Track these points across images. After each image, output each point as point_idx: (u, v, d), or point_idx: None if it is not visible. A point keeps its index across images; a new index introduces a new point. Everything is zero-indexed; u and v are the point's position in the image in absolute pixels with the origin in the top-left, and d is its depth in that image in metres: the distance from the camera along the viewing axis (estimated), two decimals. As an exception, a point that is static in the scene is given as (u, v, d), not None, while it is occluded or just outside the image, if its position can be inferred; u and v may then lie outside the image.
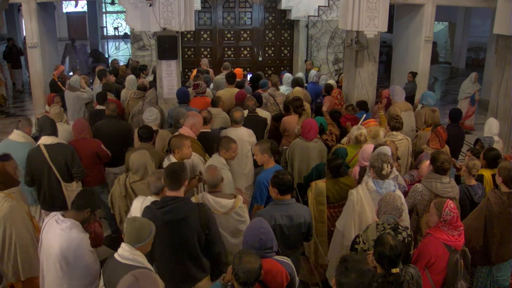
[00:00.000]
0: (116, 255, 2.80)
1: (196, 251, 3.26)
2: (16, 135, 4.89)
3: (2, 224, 3.63)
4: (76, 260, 3.23)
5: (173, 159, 4.29)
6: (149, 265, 2.83)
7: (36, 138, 5.04)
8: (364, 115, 5.98)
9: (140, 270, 2.56)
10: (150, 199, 3.50)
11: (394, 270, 2.82)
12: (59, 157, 4.55)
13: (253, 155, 5.23)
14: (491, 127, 5.65)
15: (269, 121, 6.24)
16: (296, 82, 7.80)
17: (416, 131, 6.39)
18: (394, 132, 5.35)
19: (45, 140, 4.61)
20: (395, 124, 5.36)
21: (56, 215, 3.29)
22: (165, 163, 4.34)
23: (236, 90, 7.09)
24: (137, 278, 2.40)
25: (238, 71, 8.52)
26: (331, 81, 8.56)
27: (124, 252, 2.76)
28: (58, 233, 3.20)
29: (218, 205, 3.59)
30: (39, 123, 4.81)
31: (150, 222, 2.85)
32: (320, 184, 4.25)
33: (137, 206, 3.58)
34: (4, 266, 3.77)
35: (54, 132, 4.70)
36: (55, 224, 3.24)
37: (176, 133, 4.81)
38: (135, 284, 2.37)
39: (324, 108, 6.37)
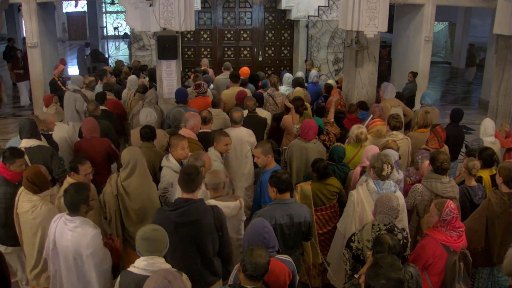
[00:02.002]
0: (136, 270, 2.68)
1: (208, 254, 3.23)
2: None
3: (41, 228, 3.59)
4: (90, 257, 3.19)
5: (171, 158, 4.31)
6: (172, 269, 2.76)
7: (45, 136, 5.06)
8: (371, 116, 5.95)
9: (169, 270, 2.51)
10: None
11: (393, 270, 2.81)
12: (39, 160, 4.50)
13: (253, 156, 5.25)
14: (487, 128, 5.61)
15: (269, 121, 6.23)
16: (297, 82, 7.80)
17: (407, 127, 6.40)
18: (395, 132, 5.34)
19: (25, 143, 4.58)
20: (395, 124, 5.34)
21: (62, 217, 3.26)
22: (164, 162, 4.35)
23: (240, 88, 7.10)
24: (170, 281, 2.35)
25: (246, 69, 8.49)
26: (331, 81, 8.55)
27: (149, 267, 2.65)
28: (70, 233, 3.19)
29: (228, 209, 3.57)
30: (19, 126, 4.76)
31: (162, 228, 2.81)
32: (306, 187, 4.23)
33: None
34: (28, 270, 3.77)
35: (33, 135, 4.64)
36: (65, 226, 3.22)
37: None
38: (169, 287, 2.33)
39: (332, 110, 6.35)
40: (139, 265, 2.70)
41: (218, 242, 3.26)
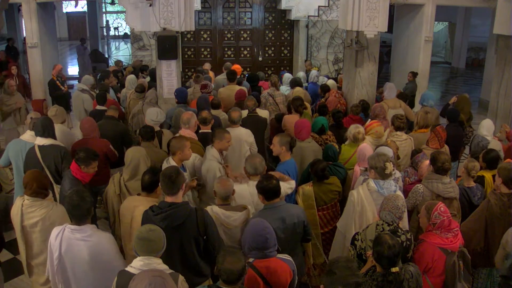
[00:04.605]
0: (132, 270, 2.68)
1: (193, 257, 3.21)
2: (30, 136, 4.85)
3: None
4: (109, 263, 3.13)
5: (172, 161, 4.22)
6: (168, 269, 2.75)
7: None
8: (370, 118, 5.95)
9: (156, 269, 2.51)
10: None
11: (393, 269, 2.81)
12: (50, 159, 4.51)
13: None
14: (482, 127, 5.67)
15: (269, 121, 6.23)
16: (295, 82, 7.82)
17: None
18: (398, 132, 5.33)
19: (39, 141, 4.59)
20: (399, 124, 5.34)
21: (64, 229, 3.13)
22: (164, 166, 4.24)
23: (238, 87, 7.11)
24: (163, 277, 2.37)
25: (237, 67, 8.52)
26: (330, 81, 8.55)
27: (145, 267, 2.65)
28: (82, 243, 3.07)
29: (229, 219, 3.45)
30: (34, 124, 4.77)
31: (158, 227, 2.80)
32: (307, 188, 4.24)
33: None
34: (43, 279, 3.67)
35: (47, 133, 4.62)
36: (73, 236, 3.09)
37: (176, 135, 4.79)
38: (164, 283, 2.35)
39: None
40: (135, 265, 2.69)
41: (203, 245, 3.23)
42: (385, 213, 3.32)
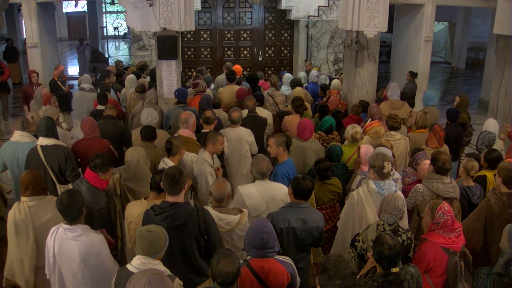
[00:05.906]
0: (130, 268, 2.69)
1: (194, 257, 3.21)
2: (19, 136, 4.85)
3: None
4: (99, 265, 3.13)
5: (169, 162, 4.21)
6: (167, 271, 2.76)
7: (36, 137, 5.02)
8: (370, 118, 5.94)
9: (153, 268, 2.52)
10: None
11: (394, 270, 2.81)
12: (53, 159, 4.51)
13: (252, 155, 5.24)
14: (488, 127, 5.66)
15: (269, 121, 6.24)
16: (295, 83, 7.82)
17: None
18: (392, 132, 5.34)
19: (41, 141, 4.58)
20: (393, 124, 5.35)
21: (58, 228, 3.15)
22: (161, 166, 4.26)
23: (237, 87, 7.11)
24: (161, 275, 2.39)
25: (237, 67, 8.53)
26: (335, 81, 8.54)
27: (141, 266, 2.66)
28: (73, 243, 3.08)
29: (222, 222, 3.44)
30: (38, 124, 4.77)
31: (163, 229, 2.79)
32: None
33: None
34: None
35: (50, 134, 4.61)
36: (65, 236, 3.10)
37: (176, 135, 4.79)
38: (163, 280, 2.36)
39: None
40: (134, 263, 2.70)
41: (204, 245, 3.23)
42: (387, 216, 3.31)
